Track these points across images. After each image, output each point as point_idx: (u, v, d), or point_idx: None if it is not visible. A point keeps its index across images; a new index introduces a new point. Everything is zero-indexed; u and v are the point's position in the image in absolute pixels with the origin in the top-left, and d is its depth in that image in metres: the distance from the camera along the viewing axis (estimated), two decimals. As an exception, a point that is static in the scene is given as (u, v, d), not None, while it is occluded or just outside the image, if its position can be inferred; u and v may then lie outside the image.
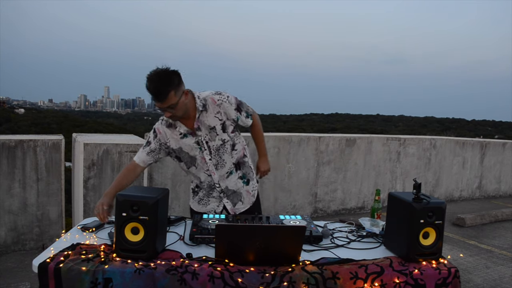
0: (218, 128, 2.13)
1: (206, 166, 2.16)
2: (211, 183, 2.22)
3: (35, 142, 3.67)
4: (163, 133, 2.14)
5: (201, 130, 2.11)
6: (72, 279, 1.48)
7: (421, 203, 1.67)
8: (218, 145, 2.15)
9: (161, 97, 1.92)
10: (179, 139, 2.13)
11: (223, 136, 2.15)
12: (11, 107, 64.88)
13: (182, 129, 2.12)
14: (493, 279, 3.57)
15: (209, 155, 2.15)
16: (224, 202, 2.25)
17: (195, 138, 2.12)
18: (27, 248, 3.70)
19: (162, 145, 2.15)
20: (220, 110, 2.13)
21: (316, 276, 1.55)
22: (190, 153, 2.15)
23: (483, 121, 66.25)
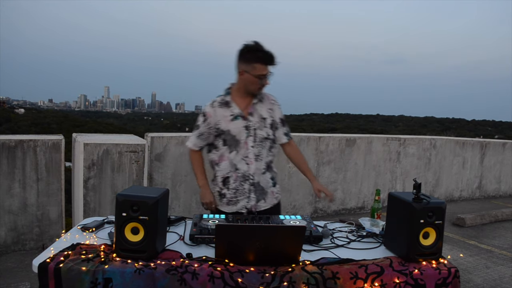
0: (267, 121, 2.30)
1: (247, 152, 2.25)
2: (246, 174, 2.27)
3: (35, 142, 3.67)
4: (213, 115, 2.26)
5: (253, 117, 2.26)
6: (72, 279, 1.48)
7: (421, 203, 1.67)
8: (263, 136, 2.28)
9: (274, 61, 2.18)
10: (229, 121, 2.24)
11: (268, 132, 2.30)
12: (11, 107, 64.91)
13: (236, 110, 2.25)
14: (493, 279, 3.57)
15: (253, 142, 2.26)
16: (251, 197, 2.30)
17: (245, 122, 2.25)
18: (27, 248, 3.70)
19: (212, 128, 2.28)
20: (272, 108, 2.33)
21: (316, 276, 1.55)
22: (237, 136, 2.24)
23: (483, 121, 66.26)
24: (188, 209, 4.43)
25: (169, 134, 4.40)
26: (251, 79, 2.19)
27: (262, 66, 2.16)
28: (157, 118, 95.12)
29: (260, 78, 2.18)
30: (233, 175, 2.30)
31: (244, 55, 2.20)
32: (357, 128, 44.36)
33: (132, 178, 3.61)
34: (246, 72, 2.19)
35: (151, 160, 4.18)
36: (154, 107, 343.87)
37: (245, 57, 2.19)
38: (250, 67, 2.17)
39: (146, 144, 3.73)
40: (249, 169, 2.27)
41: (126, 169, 3.58)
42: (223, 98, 2.29)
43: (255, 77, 2.17)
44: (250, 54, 2.18)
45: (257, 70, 2.16)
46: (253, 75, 2.17)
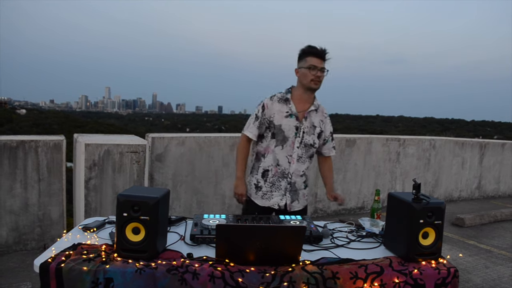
0: (317, 130, 2.45)
1: (292, 151, 2.38)
2: (285, 171, 2.39)
3: (36, 143, 3.68)
4: (270, 107, 2.40)
5: (306, 121, 2.41)
6: (74, 279, 1.49)
7: (421, 203, 1.68)
8: (308, 142, 2.42)
9: (324, 55, 2.35)
10: (283, 117, 2.37)
11: (315, 140, 2.44)
12: (13, 108, 64.89)
13: (293, 109, 2.39)
14: (492, 279, 3.58)
15: (299, 143, 2.39)
16: (287, 196, 2.42)
17: (298, 123, 2.38)
18: (29, 248, 3.71)
19: (265, 119, 2.40)
20: (323, 120, 2.49)
21: (316, 276, 1.56)
22: (286, 133, 2.37)
23: (482, 121, 66.22)
24: (188, 209, 4.43)
25: (170, 135, 4.41)
26: (304, 71, 2.35)
27: (313, 58, 2.33)
28: (158, 118, 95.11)
29: (312, 68, 2.33)
30: (273, 169, 2.41)
31: (299, 56, 2.41)
32: (356, 129, 44.35)
33: (133, 178, 3.62)
34: (300, 68, 2.39)
35: (152, 160, 4.19)
36: (155, 107, 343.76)
37: (299, 56, 2.40)
38: (303, 62, 2.37)
39: (147, 144, 3.74)
40: (290, 167, 2.40)
41: (127, 170, 3.59)
42: (284, 95, 2.43)
43: (307, 68, 2.34)
44: (302, 52, 2.39)
45: (308, 62, 2.33)
46: (306, 67, 2.34)
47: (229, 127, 56.27)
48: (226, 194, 4.65)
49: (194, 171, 4.43)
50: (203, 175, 4.49)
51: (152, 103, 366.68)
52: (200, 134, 4.74)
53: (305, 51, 2.37)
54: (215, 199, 4.60)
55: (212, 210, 4.53)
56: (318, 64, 2.34)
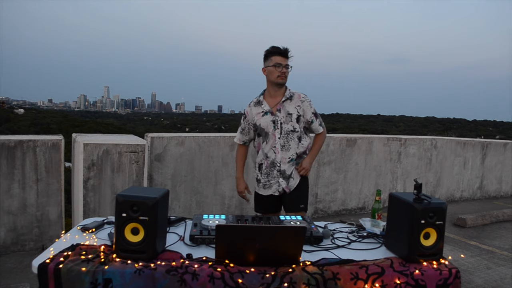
0: (294, 116, 2.66)
1: (274, 143, 2.65)
2: (274, 161, 2.67)
3: (34, 143, 3.67)
4: (250, 113, 2.73)
5: (280, 112, 2.65)
6: (72, 279, 1.47)
7: (422, 204, 1.67)
8: (289, 129, 2.65)
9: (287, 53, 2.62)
10: (260, 117, 2.68)
11: (294, 125, 2.66)
12: (11, 107, 64.92)
13: (266, 108, 2.67)
14: (494, 280, 3.56)
15: (279, 134, 2.65)
16: (280, 182, 2.69)
17: (273, 117, 2.65)
18: (27, 249, 3.70)
19: (250, 124, 2.74)
20: (301, 105, 2.69)
21: (317, 277, 1.55)
22: (266, 129, 2.66)
23: (484, 121, 66.28)
24: (188, 209, 4.42)
25: (169, 135, 4.40)
26: (271, 69, 2.62)
27: (277, 57, 2.60)
28: (157, 118, 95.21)
29: (277, 66, 2.59)
30: (264, 162, 2.72)
31: (264, 56, 2.68)
32: (357, 128, 44.37)
33: (132, 178, 3.60)
34: (267, 67, 2.65)
35: (151, 160, 4.17)
36: (154, 107, 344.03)
37: (265, 56, 2.67)
38: (269, 61, 2.64)
39: (146, 144, 3.72)
40: (276, 157, 2.67)
41: (126, 170, 3.58)
42: (258, 98, 2.74)
43: (273, 66, 2.60)
44: (267, 52, 2.66)
45: (273, 60, 2.61)
46: (272, 66, 2.61)
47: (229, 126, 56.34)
48: (226, 194, 4.63)
49: (194, 171, 4.42)
50: (202, 175, 4.47)
51: (151, 103, 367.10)
52: (199, 133, 4.73)
53: (270, 51, 2.64)
54: (215, 199, 4.58)
55: (211, 211, 4.52)
56: (283, 62, 2.61)
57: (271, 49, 2.63)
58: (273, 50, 2.62)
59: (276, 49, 2.61)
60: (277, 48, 2.62)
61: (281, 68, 2.59)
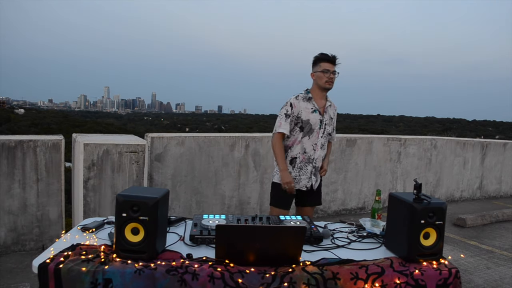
0: (333, 121, 2.96)
1: (316, 140, 2.83)
2: (311, 157, 2.84)
3: (35, 143, 3.67)
4: (297, 106, 2.82)
5: (326, 114, 2.88)
6: (72, 279, 1.47)
7: (422, 204, 1.67)
8: (328, 132, 2.90)
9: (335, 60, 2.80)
10: (310, 112, 2.81)
11: (330, 129, 2.92)
12: (11, 107, 64.87)
13: (316, 106, 2.83)
14: (494, 279, 3.56)
15: (322, 133, 2.85)
16: (312, 178, 2.87)
17: (321, 116, 2.84)
18: (27, 249, 3.70)
19: (294, 116, 2.82)
20: (334, 113, 2.98)
21: (317, 277, 1.55)
22: (313, 125, 2.81)
23: (484, 121, 66.25)
24: (188, 209, 4.42)
25: (169, 135, 4.40)
26: (319, 75, 2.80)
27: (325, 63, 2.78)
28: (157, 118, 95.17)
29: (325, 72, 2.77)
30: (300, 157, 2.84)
31: (313, 62, 2.85)
32: (357, 128, 44.36)
33: (132, 178, 3.60)
34: (316, 72, 2.82)
35: (151, 160, 4.17)
36: (154, 107, 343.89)
37: (314, 62, 2.85)
38: (317, 67, 2.81)
39: (146, 144, 3.72)
40: (315, 154, 2.84)
41: (126, 170, 3.58)
42: (305, 95, 2.86)
43: (322, 72, 2.78)
44: (316, 58, 2.84)
45: (322, 66, 2.78)
46: (320, 71, 2.79)
47: (229, 126, 56.30)
48: (226, 194, 4.63)
49: (194, 171, 4.42)
50: (202, 175, 4.47)
51: (151, 103, 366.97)
52: (199, 134, 4.73)
53: (319, 58, 2.81)
54: (215, 199, 4.58)
55: (211, 211, 4.52)
56: (331, 68, 2.78)
57: (320, 55, 2.80)
58: (322, 56, 2.79)
59: (325, 56, 2.79)
60: (326, 55, 2.79)
61: (329, 74, 2.76)
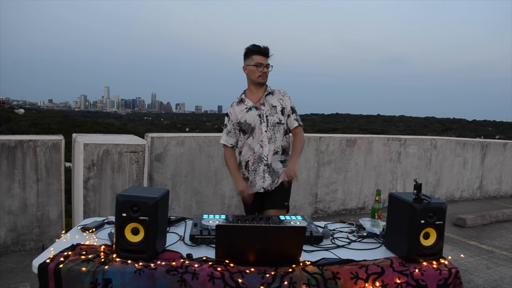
0: (278, 108, 2.66)
1: (261, 136, 2.61)
2: (261, 155, 2.62)
3: (35, 143, 3.67)
4: (233, 113, 2.67)
5: (265, 106, 2.64)
6: (72, 279, 1.47)
7: (422, 204, 1.67)
8: (275, 121, 2.63)
9: (268, 53, 2.60)
10: (245, 113, 2.64)
11: (280, 117, 2.65)
12: (11, 107, 64.86)
13: (249, 104, 2.65)
14: (494, 279, 3.56)
15: (266, 127, 2.62)
16: (266, 177, 2.63)
17: (258, 111, 2.62)
18: (27, 249, 3.70)
19: (235, 124, 2.67)
20: (282, 98, 2.70)
21: (317, 277, 1.55)
22: (252, 123, 2.62)
23: (484, 121, 66.27)
24: (188, 209, 4.42)
25: (169, 135, 4.40)
26: (251, 68, 2.60)
27: (258, 56, 2.57)
28: (157, 118, 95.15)
29: (258, 66, 2.57)
30: (251, 158, 2.66)
31: (244, 54, 2.64)
32: (357, 128, 44.35)
33: (132, 178, 3.60)
34: (248, 66, 2.62)
35: (151, 160, 4.17)
36: (154, 107, 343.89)
37: (245, 55, 2.64)
38: (249, 60, 2.60)
39: (146, 144, 3.72)
40: (263, 151, 2.61)
41: (126, 170, 3.58)
42: (239, 97, 2.70)
43: (254, 65, 2.58)
44: (247, 50, 2.62)
45: (254, 60, 2.57)
46: (252, 65, 2.58)
47: (229, 127, 56.03)
48: (226, 194, 4.63)
49: (194, 171, 4.42)
50: (202, 175, 4.47)
51: (151, 103, 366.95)
52: (199, 134, 4.73)
53: (251, 50, 2.60)
54: (215, 199, 4.58)
55: (211, 210, 4.52)
56: (264, 61, 2.59)
57: (252, 47, 2.59)
58: (254, 48, 2.58)
59: (257, 47, 2.58)
60: (258, 47, 2.58)
61: (262, 68, 2.58)
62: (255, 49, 2.58)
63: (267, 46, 2.60)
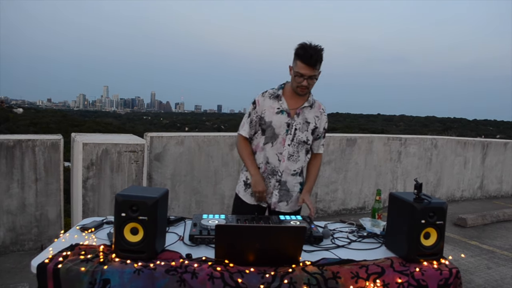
0: (310, 126, 2.31)
1: (282, 149, 2.27)
2: (275, 169, 2.28)
3: (33, 142, 3.66)
4: (262, 104, 2.29)
5: (298, 117, 2.28)
6: (71, 279, 1.47)
7: (422, 203, 1.66)
8: (301, 139, 2.29)
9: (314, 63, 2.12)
10: (274, 113, 2.26)
11: (308, 136, 2.32)
12: (10, 107, 64.86)
13: (284, 105, 2.27)
14: (494, 279, 3.56)
15: (290, 141, 2.27)
16: (274, 194, 2.30)
17: (289, 119, 2.26)
18: (26, 249, 3.69)
19: (257, 117, 2.30)
20: (319, 116, 2.35)
21: (317, 277, 1.54)
22: (277, 129, 2.26)
23: (484, 120, 66.34)
24: (187, 209, 4.41)
25: (169, 134, 4.39)
26: (293, 74, 2.21)
27: (301, 64, 2.13)
28: (157, 117, 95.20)
29: (298, 75, 2.16)
30: (262, 167, 2.31)
31: (295, 51, 2.18)
32: (357, 128, 44.36)
33: (131, 178, 3.60)
34: (292, 68, 2.22)
35: (151, 160, 4.16)
36: (153, 106, 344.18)
37: (295, 52, 2.18)
38: (294, 63, 2.20)
39: (145, 144, 3.71)
40: (280, 165, 2.28)
41: (125, 169, 3.57)
42: (275, 91, 2.31)
43: (295, 74, 2.18)
44: (295, 51, 2.17)
45: (297, 67, 2.16)
46: (294, 71, 2.18)
47: (229, 126, 56.28)
48: (226, 194, 4.62)
49: (193, 171, 4.41)
50: (202, 175, 4.46)
51: (150, 102, 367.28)
52: (199, 133, 4.72)
53: (296, 53, 2.16)
54: (214, 199, 4.57)
55: (211, 210, 4.51)
56: (306, 72, 2.14)
57: (298, 50, 2.14)
58: (299, 52, 2.13)
59: (303, 52, 2.12)
60: (304, 52, 2.11)
61: (302, 79, 2.16)
62: (300, 53, 2.13)
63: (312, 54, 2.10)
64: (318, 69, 2.17)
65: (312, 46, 2.12)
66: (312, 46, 2.12)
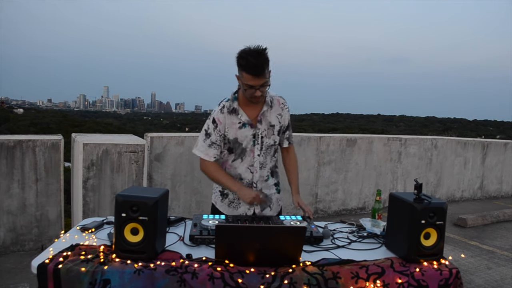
0: (276, 128, 2.18)
1: (252, 161, 2.15)
2: (250, 182, 2.18)
3: (34, 142, 3.66)
4: (223, 122, 2.11)
5: (262, 124, 2.13)
6: (71, 280, 1.47)
7: (422, 204, 1.66)
8: (269, 144, 2.17)
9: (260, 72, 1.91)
10: (237, 128, 2.11)
11: (275, 138, 2.19)
12: (10, 107, 64.87)
13: (244, 118, 2.11)
14: (494, 280, 3.56)
15: (259, 151, 2.15)
16: (254, 205, 2.17)
17: (253, 130, 2.13)
18: (26, 249, 3.69)
19: (221, 136, 2.13)
20: (281, 113, 2.20)
21: (317, 277, 1.54)
22: (244, 144, 2.13)
23: (484, 121, 66.33)
24: (188, 209, 4.41)
25: (169, 134, 4.39)
26: (243, 86, 2.01)
27: (247, 76, 1.93)
28: (157, 118, 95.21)
29: (248, 87, 1.97)
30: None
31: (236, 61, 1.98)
32: (358, 128, 44.36)
33: (131, 178, 3.60)
34: (239, 79, 2.03)
35: (151, 160, 4.16)
36: (153, 107, 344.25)
37: (237, 63, 1.98)
38: (240, 74, 1.99)
39: (145, 144, 3.71)
40: (253, 177, 2.18)
41: (125, 169, 3.57)
42: (231, 104, 2.12)
43: (244, 86, 1.99)
44: (238, 60, 1.96)
45: (244, 78, 1.96)
46: (243, 83, 1.99)
47: (229, 126, 55.99)
48: (226, 194, 4.63)
49: (193, 171, 4.41)
50: (202, 175, 4.42)
51: (151, 102, 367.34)
52: (199, 133, 4.72)
53: (239, 63, 1.94)
54: (215, 199, 4.58)
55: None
56: (255, 83, 1.94)
57: (241, 60, 1.92)
58: (242, 63, 1.93)
59: (245, 61, 1.90)
60: (246, 63, 1.90)
61: (253, 91, 1.96)
62: (242, 64, 1.92)
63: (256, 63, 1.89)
64: (267, 73, 1.97)
65: (253, 53, 1.90)
66: (253, 53, 1.90)
